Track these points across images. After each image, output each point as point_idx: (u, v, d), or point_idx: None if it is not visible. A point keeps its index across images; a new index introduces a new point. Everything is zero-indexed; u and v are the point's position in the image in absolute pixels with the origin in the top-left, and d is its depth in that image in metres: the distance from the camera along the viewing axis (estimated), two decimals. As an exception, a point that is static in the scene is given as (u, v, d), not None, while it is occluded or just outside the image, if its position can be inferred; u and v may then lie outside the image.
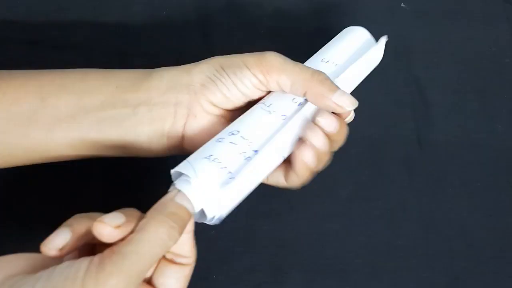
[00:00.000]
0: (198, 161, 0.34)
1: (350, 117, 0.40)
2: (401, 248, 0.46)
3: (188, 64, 0.39)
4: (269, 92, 0.39)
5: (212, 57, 0.39)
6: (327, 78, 0.37)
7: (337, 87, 0.37)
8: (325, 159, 0.39)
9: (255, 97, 0.39)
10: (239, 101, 0.38)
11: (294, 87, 0.37)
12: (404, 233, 0.46)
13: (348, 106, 0.37)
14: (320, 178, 0.48)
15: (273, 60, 0.37)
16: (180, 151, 0.39)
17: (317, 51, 0.51)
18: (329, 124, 0.37)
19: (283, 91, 0.38)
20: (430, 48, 0.54)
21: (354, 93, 0.51)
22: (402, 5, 0.56)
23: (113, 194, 0.46)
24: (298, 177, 0.38)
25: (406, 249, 0.46)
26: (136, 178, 0.47)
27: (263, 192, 0.47)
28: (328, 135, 0.37)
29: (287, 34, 0.52)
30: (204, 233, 0.45)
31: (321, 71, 0.38)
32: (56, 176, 0.46)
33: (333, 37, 0.45)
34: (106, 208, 0.31)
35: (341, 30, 0.52)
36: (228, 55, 0.38)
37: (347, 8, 0.54)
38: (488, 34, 0.55)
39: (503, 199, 0.48)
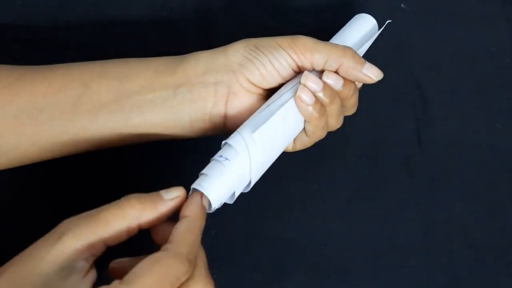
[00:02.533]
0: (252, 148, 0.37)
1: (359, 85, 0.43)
2: (401, 248, 0.46)
3: (221, 47, 0.41)
4: (299, 73, 0.41)
5: (243, 39, 0.40)
6: (355, 52, 0.40)
7: (365, 61, 0.40)
8: (334, 111, 0.40)
9: (288, 77, 0.40)
10: (275, 81, 0.40)
11: (328, 63, 0.39)
12: (404, 233, 0.46)
13: (376, 76, 0.40)
14: (320, 178, 0.48)
15: (305, 41, 0.40)
16: (221, 131, 0.40)
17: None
18: (335, 80, 0.39)
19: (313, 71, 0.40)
20: (430, 48, 0.54)
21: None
22: (402, 5, 0.56)
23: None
24: (309, 124, 0.40)
25: (406, 249, 0.46)
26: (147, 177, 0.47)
27: (263, 192, 0.47)
28: (338, 94, 0.40)
29: (287, 34, 0.52)
30: (204, 233, 0.45)
31: (350, 47, 0.40)
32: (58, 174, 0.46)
33: (333, 37, 0.45)
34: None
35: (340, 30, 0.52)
36: (260, 38, 0.40)
37: (347, 8, 0.54)
38: (488, 34, 0.55)
39: (503, 199, 0.48)
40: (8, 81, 0.38)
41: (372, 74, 0.40)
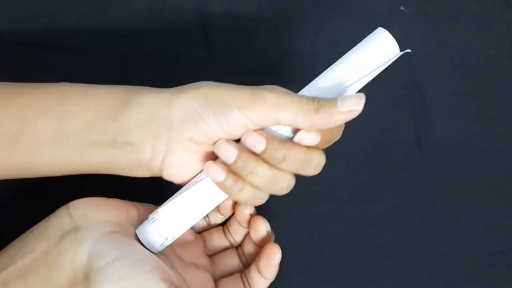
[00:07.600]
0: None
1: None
2: (400, 250, 0.46)
3: (171, 90, 0.36)
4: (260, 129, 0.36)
5: (198, 84, 0.36)
6: (319, 100, 0.34)
7: (335, 100, 0.34)
8: (261, 182, 0.36)
9: (240, 135, 0.35)
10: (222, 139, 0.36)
11: (298, 122, 0.34)
12: (404, 235, 0.47)
13: (357, 104, 0.34)
14: (320, 180, 0.48)
15: (269, 97, 0.34)
16: (161, 177, 0.38)
17: (317, 53, 0.51)
18: (309, 138, 0.35)
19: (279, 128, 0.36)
20: (429, 51, 0.54)
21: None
22: (402, 8, 0.56)
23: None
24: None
25: (406, 251, 0.46)
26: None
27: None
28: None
29: (287, 37, 0.53)
30: (204, 235, 0.45)
31: (313, 97, 0.35)
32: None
33: (333, 39, 0.45)
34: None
35: (340, 33, 0.52)
36: (218, 85, 0.35)
37: (346, 11, 0.54)
38: (487, 37, 0.55)
39: (502, 201, 0.48)
40: None
41: (351, 106, 0.34)
